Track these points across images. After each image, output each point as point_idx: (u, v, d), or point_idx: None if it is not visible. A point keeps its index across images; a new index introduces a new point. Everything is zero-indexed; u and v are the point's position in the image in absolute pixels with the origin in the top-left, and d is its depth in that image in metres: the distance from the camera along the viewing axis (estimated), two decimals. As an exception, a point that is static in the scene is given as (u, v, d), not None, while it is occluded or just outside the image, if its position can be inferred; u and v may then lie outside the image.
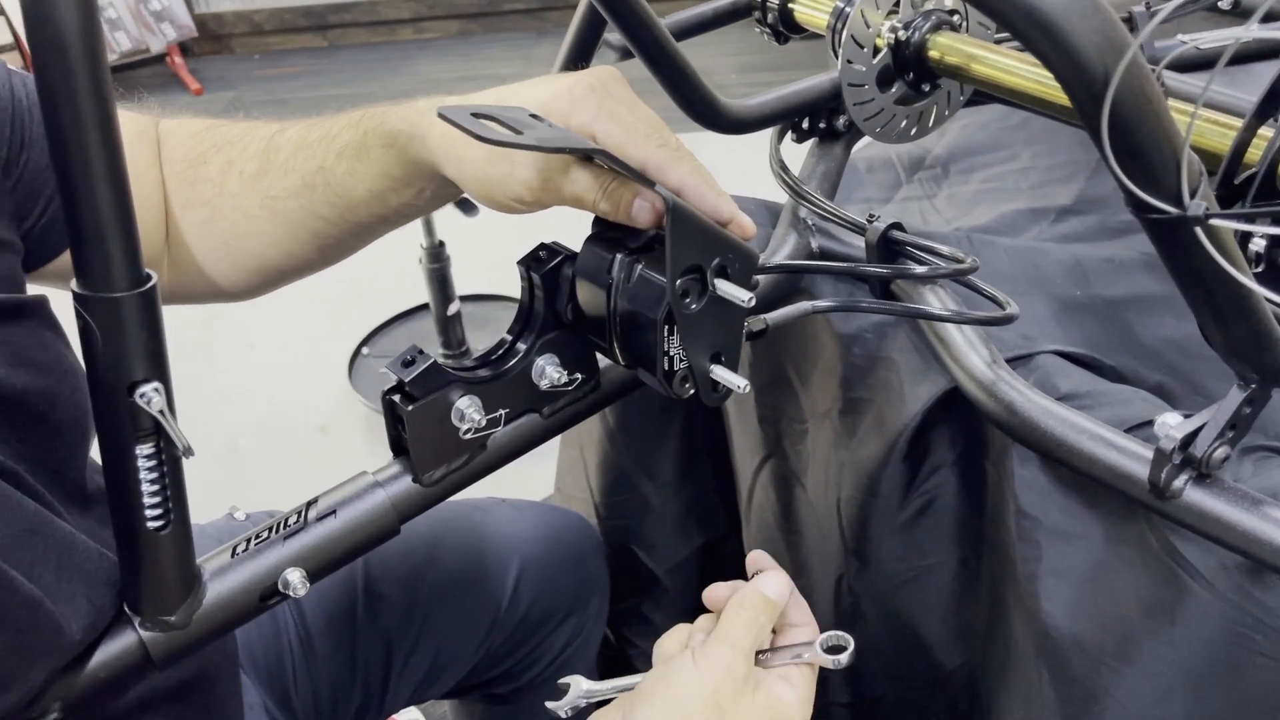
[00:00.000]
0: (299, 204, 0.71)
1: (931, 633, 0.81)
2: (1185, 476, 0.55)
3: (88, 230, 0.45)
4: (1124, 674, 0.60)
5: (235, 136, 0.74)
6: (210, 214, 0.74)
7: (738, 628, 0.59)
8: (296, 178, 0.70)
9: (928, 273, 0.67)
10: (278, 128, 0.73)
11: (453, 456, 0.61)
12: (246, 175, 0.73)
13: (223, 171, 0.73)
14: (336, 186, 0.69)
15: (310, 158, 0.70)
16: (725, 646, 0.58)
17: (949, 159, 1.08)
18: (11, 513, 0.51)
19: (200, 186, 0.74)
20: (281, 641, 0.84)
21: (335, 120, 0.70)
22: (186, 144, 0.75)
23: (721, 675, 0.57)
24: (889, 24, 0.75)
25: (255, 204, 0.72)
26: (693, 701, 0.56)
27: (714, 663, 0.57)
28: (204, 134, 0.75)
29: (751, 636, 0.59)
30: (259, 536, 0.58)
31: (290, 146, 0.71)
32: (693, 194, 0.57)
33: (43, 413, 0.57)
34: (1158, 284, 0.83)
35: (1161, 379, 0.75)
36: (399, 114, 0.66)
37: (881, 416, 0.74)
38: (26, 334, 0.57)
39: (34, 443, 0.57)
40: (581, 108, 0.58)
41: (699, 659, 0.58)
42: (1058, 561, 0.63)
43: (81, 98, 0.43)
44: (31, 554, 0.52)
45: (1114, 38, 0.40)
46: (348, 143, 0.68)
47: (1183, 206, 0.44)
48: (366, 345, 2.37)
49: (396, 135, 0.65)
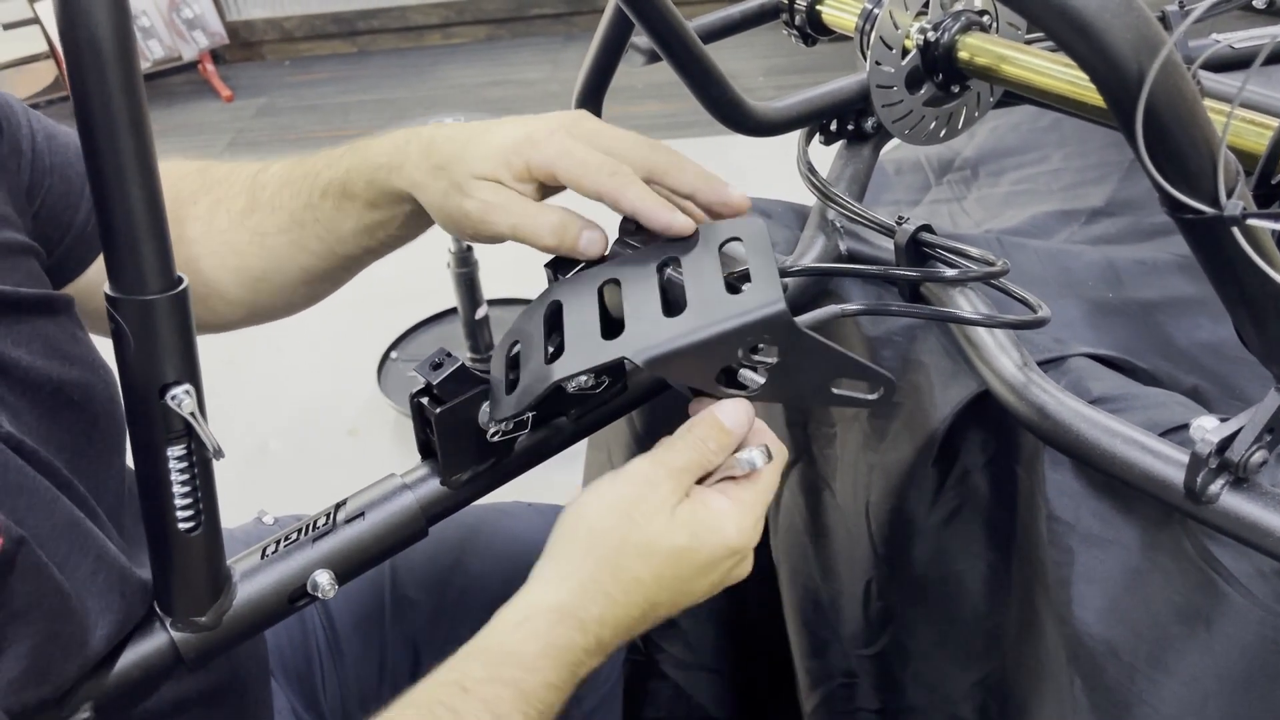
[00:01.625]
0: (288, 239, 0.72)
1: (961, 638, 0.80)
2: (1222, 481, 0.54)
3: (121, 233, 0.46)
4: (1159, 682, 0.60)
5: (221, 177, 0.76)
6: (199, 252, 0.75)
7: (674, 446, 0.56)
8: (284, 214, 0.72)
9: (958, 275, 0.67)
10: (261, 166, 0.75)
11: (480, 459, 0.61)
12: (234, 212, 0.74)
13: (211, 210, 0.75)
14: (325, 222, 0.71)
15: (296, 195, 0.71)
16: (648, 460, 0.55)
17: (978, 161, 1.07)
18: (51, 504, 0.52)
19: (188, 226, 0.75)
20: (310, 645, 0.85)
21: (316, 159, 0.72)
22: (176, 186, 0.76)
23: (638, 486, 0.54)
24: (918, 25, 0.74)
25: (244, 240, 0.74)
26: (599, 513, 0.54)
27: (632, 474, 0.55)
28: (193, 176, 0.77)
29: (686, 457, 0.55)
30: (288, 538, 0.59)
31: (275, 183, 0.73)
32: (647, 216, 0.59)
33: (80, 404, 0.58)
34: (1192, 286, 0.82)
35: (1196, 382, 0.74)
36: (379, 147, 0.68)
37: (911, 420, 0.74)
38: (58, 328, 0.58)
39: (75, 433, 0.57)
40: (543, 148, 0.60)
41: (620, 472, 0.56)
42: (1091, 567, 0.62)
43: (115, 101, 0.44)
44: (69, 546, 0.52)
45: (1149, 35, 0.40)
46: (330, 180, 0.70)
47: (1219, 206, 0.43)
48: (395, 349, 2.38)
49: (377, 169, 0.67)
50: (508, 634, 0.54)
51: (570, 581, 0.54)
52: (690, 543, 0.54)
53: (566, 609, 0.54)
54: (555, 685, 0.53)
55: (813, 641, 0.93)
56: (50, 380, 0.56)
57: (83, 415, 0.58)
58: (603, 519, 0.55)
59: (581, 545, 0.55)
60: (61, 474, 0.55)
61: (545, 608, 0.54)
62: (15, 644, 0.49)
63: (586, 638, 0.54)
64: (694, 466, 0.56)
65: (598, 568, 0.54)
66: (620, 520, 0.54)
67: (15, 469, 0.51)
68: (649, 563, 0.54)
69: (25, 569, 0.49)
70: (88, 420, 0.58)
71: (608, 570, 0.54)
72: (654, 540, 0.54)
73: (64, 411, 0.57)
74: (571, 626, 0.53)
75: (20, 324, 0.56)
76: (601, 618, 0.54)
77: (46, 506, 0.52)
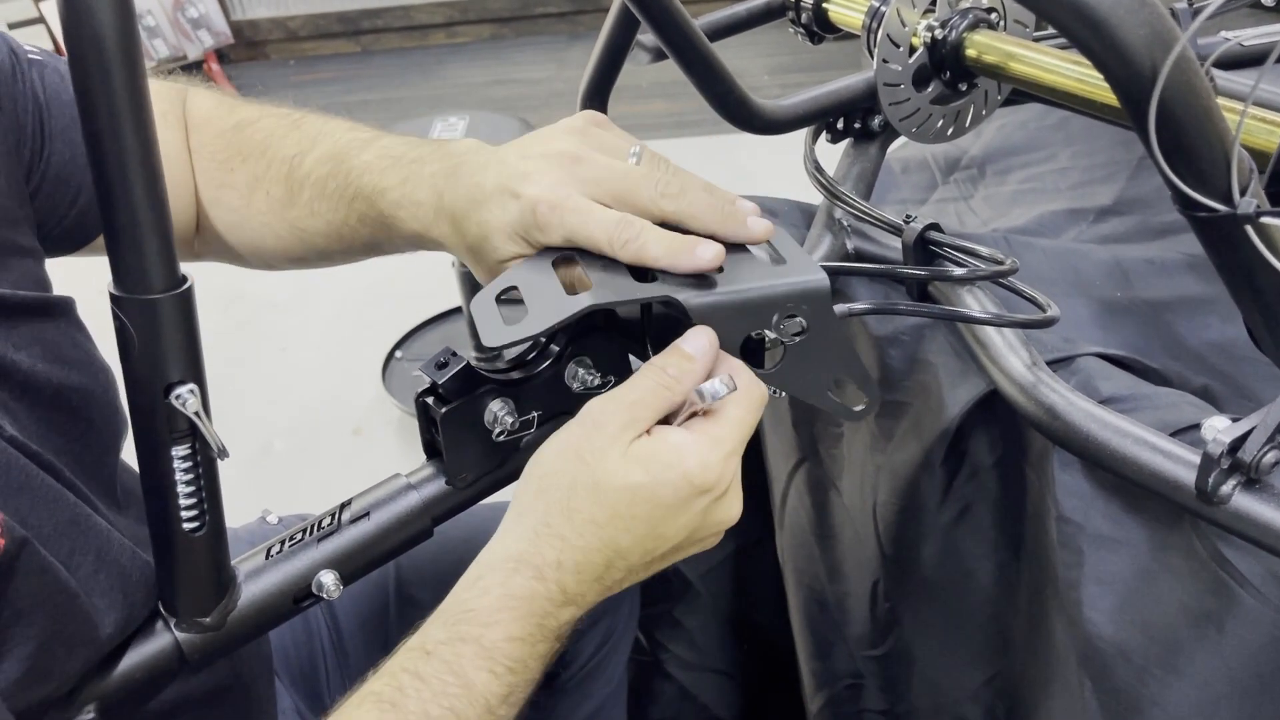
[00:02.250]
0: (328, 242, 0.72)
1: (969, 639, 0.80)
2: (1233, 482, 0.53)
3: (124, 233, 0.46)
4: (1170, 684, 0.59)
5: (257, 147, 0.74)
6: (240, 221, 0.74)
7: (632, 380, 0.53)
8: (322, 223, 0.71)
9: (966, 274, 0.66)
10: (295, 150, 0.72)
11: (486, 459, 0.61)
12: (274, 199, 0.73)
13: (250, 187, 0.73)
14: (366, 239, 0.70)
15: (334, 210, 0.70)
16: (602, 397, 0.53)
17: (986, 159, 1.07)
18: (54, 503, 0.52)
19: (227, 193, 0.74)
20: (314, 645, 0.84)
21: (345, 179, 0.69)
22: (214, 144, 0.75)
23: (586, 425, 0.52)
24: (925, 23, 0.74)
25: (284, 229, 0.73)
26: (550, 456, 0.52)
27: (584, 413, 0.53)
28: (229, 134, 0.75)
29: (640, 387, 0.52)
30: (293, 538, 0.58)
31: (311, 189, 0.71)
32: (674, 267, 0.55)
33: (78, 408, 0.58)
34: (1201, 285, 0.81)
35: (1206, 382, 0.73)
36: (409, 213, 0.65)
37: (919, 420, 0.74)
38: (58, 331, 0.58)
39: (71, 437, 0.57)
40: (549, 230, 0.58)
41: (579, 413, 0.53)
42: (1101, 568, 0.62)
43: (118, 101, 0.43)
44: (71, 544, 0.52)
45: (1162, 32, 0.39)
46: (365, 214, 0.68)
47: (1233, 204, 0.43)
48: (399, 348, 2.38)
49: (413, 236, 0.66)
50: (464, 591, 0.52)
51: (522, 528, 0.52)
52: (645, 479, 0.51)
53: (521, 557, 0.52)
54: (519, 638, 0.51)
55: (818, 642, 0.93)
56: (50, 384, 0.56)
57: (79, 419, 0.58)
58: (553, 461, 0.53)
59: (532, 491, 0.53)
60: (64, 474, 0.55)
61: (500, 559, 0.52)
62: (20, 644, 0.49)
63: (547, 585, 0.51)
64: (650, 399, 0.52)
65: (548, 511, 0.52)
66: (569, 461, 0.52)
67: (18, 469, 0.51)
68: (601, 502, 0.51)
69: (28, 569, 0.49)
70: (84, 423, 0.58)
71: (559, 512, 0.52)
72: (606, 478, 0.51)
73: (62, 415, 0.57)
74: (528, 575, 0.51)
75: (19, 327, 0.56)
76: (559, 562, 0.51)
77: (49, 505, 0.52)
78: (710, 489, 0.52)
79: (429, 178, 0.64)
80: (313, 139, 0.72)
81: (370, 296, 2.56)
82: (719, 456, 0.52)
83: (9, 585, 0.48)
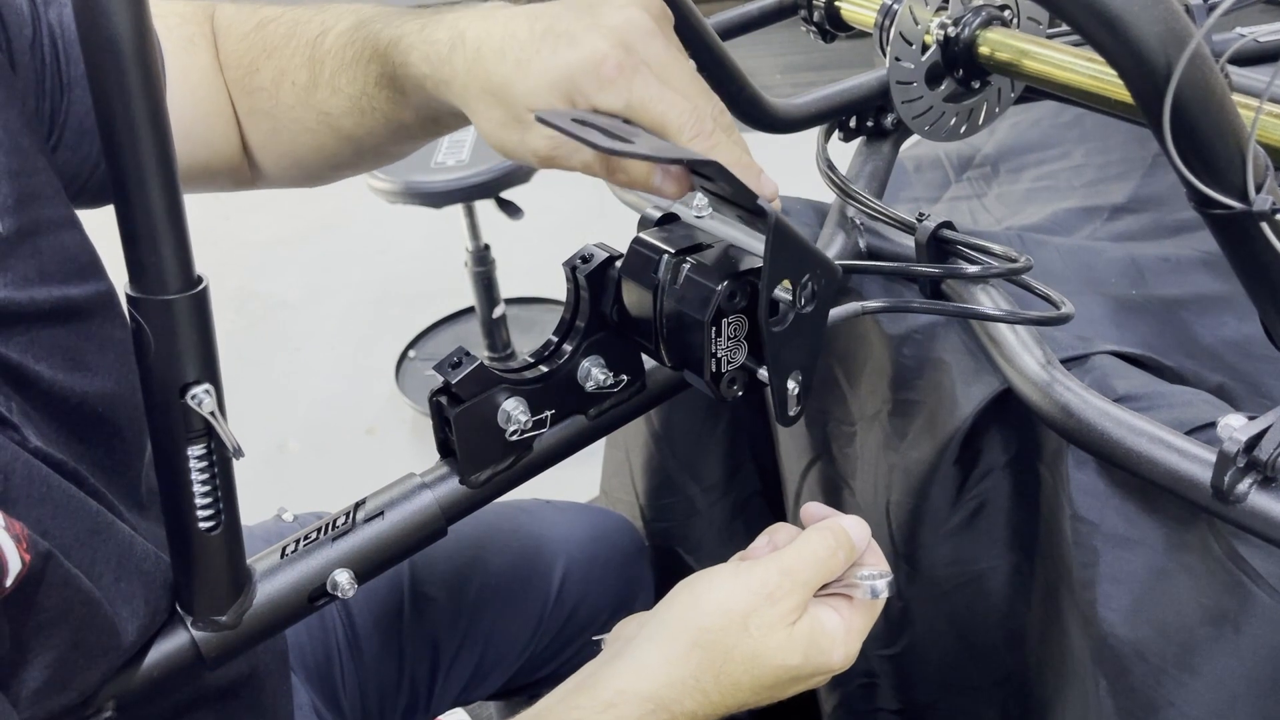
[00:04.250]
0: (354, 122, 0.68)
1: (983, 639, 0.80)
2: (1250, 480, 0.53)
3: (141, 233, 0.46)
4: (1186, 684, 0.59)
5: (281, 39, 0.71)
6: (273, 126, 0.72)
7: (803, 554, 0.54)
8: (345, 99, 0.68)
9: (980, 272, 0.66)
10: (319, 30, 0.69)
11: (499, 458, 0.61)
12: (299, 87, 0.69)
13: (276, 82, 0.70)
14: (385, 111, 0.67)
15: (353, 80, 0.67)
16: (776, 569, 0.53)
17: (999, 157, 1.07)
18: (75, 513, 0.52)
19: (258, 97, 0.71)
20: (330, 642, 0.85)
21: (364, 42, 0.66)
22: (238, 49, 0.72)
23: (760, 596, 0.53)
24: (938, 20, 0.73)
25: (313, 119, 0.70)
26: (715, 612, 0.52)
27: (757, 580, 0.53)
28: (252, 35, 0.72)
29: (814, 569, 0.54)
30: (308, 537, 0.59)
31: (333, 62, 0.68)
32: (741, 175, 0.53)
33: (102, 415, 0.57)
34: (1217, 283, 0.81)
35: (1222, 380, 0.73)
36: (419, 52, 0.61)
37: (932, 418, 0.73)
38: (83, 336, 0.57)
39: (94, 445, 0.57)
40: (611, 91, 0.54)
41: (741, 570, 0.54)
42: (1116, 568, 0.61)
43: (135, 102, 0.44)
44: (93, 553, 0.52)
45: (1177, 28, 0.39)
46: (381, 74, 0.65)
47: (1248, 201, 0.43)
48: (413, 348, 2.39)
49: (423, 80, 0.62)
50: (596, 715, 0.53)
51: (670, 675, 0.53)
52: (800, 662, 0.53)
53: (661, 701, 0.53)
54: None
55: (832, 641, 0.93)
56: (73, 394, 0.56)
57: (105, 425, 0.57)
58: (717, 619, 0.53)
59: (688, 640, 0.53)
60: (87, 482, 0.55)
61: (639, 696, 0.53)
62: (41, 655, 0.49)
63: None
64: (818, 581, 0.55)
65: (700, 668, 0.53)
66: (735, 626, 0.53)
67: (40, 479, 0.51)
68: (754, 673, 0.53)
69: (52, 583, 0.49)
70: (110, 429, 0.58)
71: (711, 673, 0.53)
72: (766, 654, 0.53)
73: (86, 423, 0.57)
74: (662, 717, 0.53)
75: (41, 336, 0.55)
76: (694, 713, 0.53)
77: (71, 515, 0.52)
78: (838, 673, 0.55)
79: (452, 20, 0.61)
80: (337, 16, 0.69)
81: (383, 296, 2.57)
82: (857, 648, 0.55)
83: (34, 600, 0.48)
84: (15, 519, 0.48)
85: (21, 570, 0.47)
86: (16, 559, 0.46)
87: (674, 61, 0.56)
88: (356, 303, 2.56)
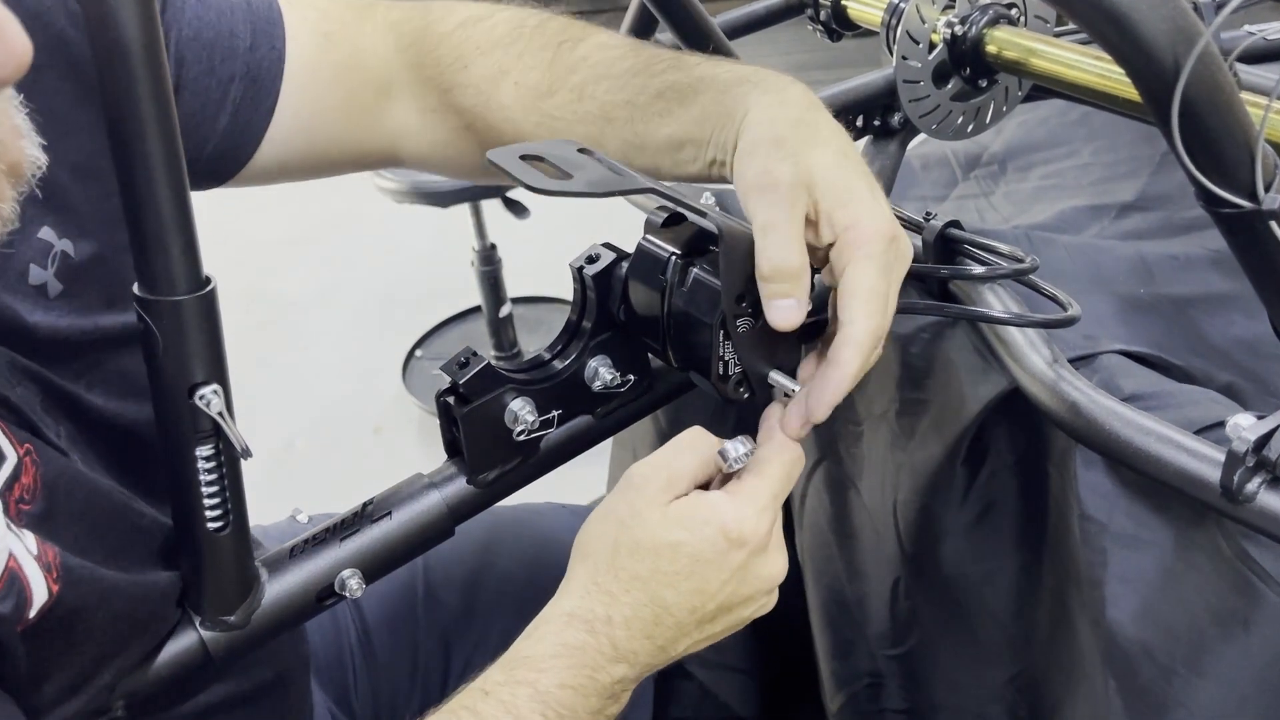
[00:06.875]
0: (585, 131, 0.66)
1: (991, 638, 0.80)
2: (1259, 479, 0.53)
3: (149, 235, 0.46)
4: (1195, 684, 0.59)
5: (500, 38, 0.69)
6: (470, 122, 0.70)
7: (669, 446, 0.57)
8: (594, 105, 0.66)
9: (987, 273, 0.66)
10: (560, 35, 0.68)
11: (506, 458, 0.61)
12: (524, 89, 0.68)
13: (492, 81, 0.68)
14: (638, 124, 0.64)
15: (619, 89, 0.65)
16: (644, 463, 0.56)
17: (1006, 156, 1.06)
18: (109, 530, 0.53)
19: (458, 93, 0.70)
20: (342, 643, 0.85)
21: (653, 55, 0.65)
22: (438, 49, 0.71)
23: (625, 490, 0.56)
24: (945, 19, 0.73)
25: (532, 121, 0.68)
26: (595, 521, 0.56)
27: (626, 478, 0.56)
28: (457, 33, 0.71)
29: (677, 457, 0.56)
30: (316, 537, 0.59)
31: (588, 70, 0.66)
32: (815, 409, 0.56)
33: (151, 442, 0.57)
34: (1226, 282, 0.80)
35: (1231, 379, 0.72)
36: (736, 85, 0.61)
37: (940, 418, 0.73)
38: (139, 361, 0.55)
39: (141, 472, 0.58)
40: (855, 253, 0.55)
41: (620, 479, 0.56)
42: (1125, 567, 0.61)
43: (143, 106, 0.44)
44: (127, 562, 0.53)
45: (1185, 27, 0.39)
46: (673, 83, 0.63)
47: (1257, 200, 0.43)
48: (419, 348, 2.39)
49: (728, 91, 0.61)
50: (523, 641, 0.56)
51: (574, 586, 0.56)
52: (683, 535, 0.54)
53: (573, 612, 0.55)
54: (571, 686, 0.53)
55: (838, 642, 0.93)
56: (123, 420, 0.57)
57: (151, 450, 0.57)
58: (596, 525, 0.57)
59: (579, 554, 0.57)
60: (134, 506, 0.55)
61: (555, 614, 0.56)
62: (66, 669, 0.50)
63: (598, 639, 0.54)
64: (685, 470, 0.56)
65: (595, 570, 0.55)
66: (610, 524, 0.56)
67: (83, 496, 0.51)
68: (643, 559, 0.54)
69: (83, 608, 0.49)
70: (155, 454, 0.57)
71: (605, 570, 0.55)
72: (645, 537, 0.55)
73: (135, 450, 0.57)
74: (580, 628, 0.54)
75: (100, 362, 0.55)
76: (609, 617, 0.54)
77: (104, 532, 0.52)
78: (746, 542, 0.55)
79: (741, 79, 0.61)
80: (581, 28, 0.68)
81: (390, 296, 2.57)
82: (753, 511, 0.55)
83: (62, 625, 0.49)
84: (52, 542, 0.48)
85: (48, 601, 0.47)
86: (44, 590, 0.47)
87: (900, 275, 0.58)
88: (364, 302, 2.56)
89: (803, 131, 0.57)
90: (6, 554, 0.46)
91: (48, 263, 0.53)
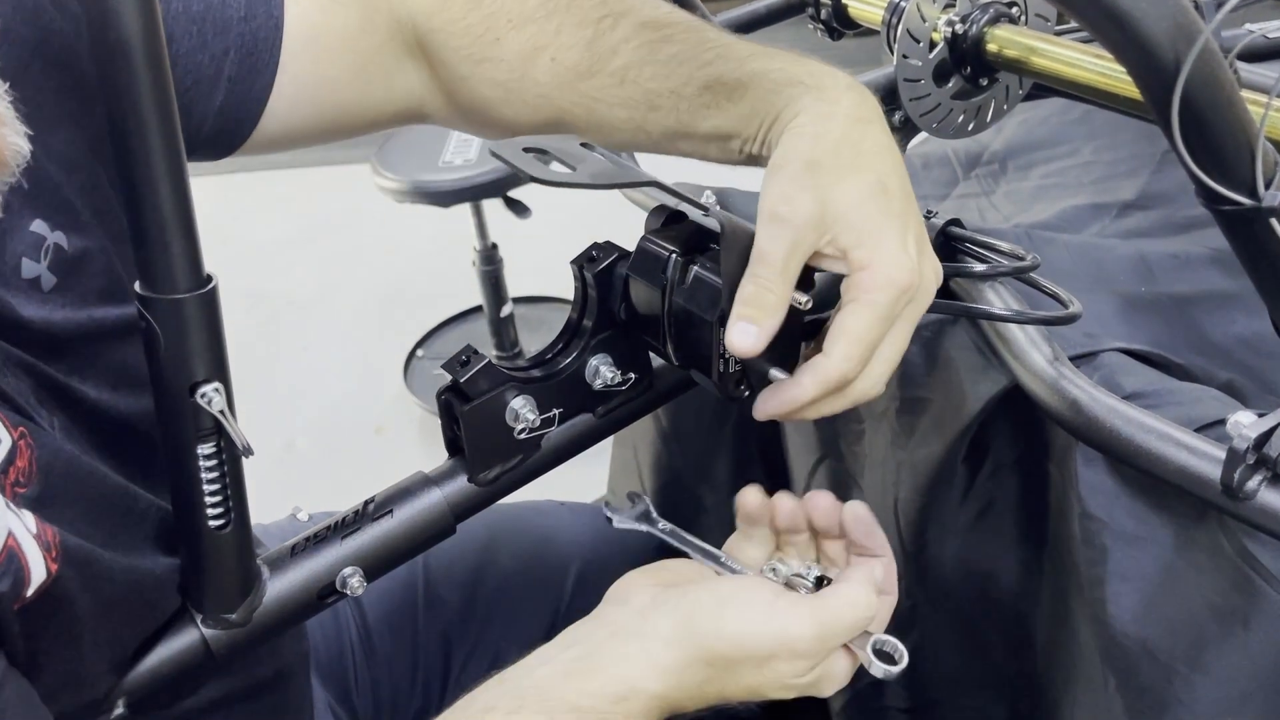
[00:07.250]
0: (627, 116, 0.64)
1: (992, 637, 0.80)
2: (1260, 477, 0.53)
3: (150, 233, 0.46)
4: (1196, 682, 0.59)
5: (532, 11, 0.66)
6: (504, 96, 0.68)
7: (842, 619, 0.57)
8: (637, 91, 0.63)
9: (988, 271, 0.66)
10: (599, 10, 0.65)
11: (507, 456, 0.61)
12: (562, 68, 0.65)
13: (527, 58, 0.66)
14: (684, 114, 0.62)
15: (665, 76, 0.62)
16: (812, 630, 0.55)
17: (1007, 154, 1.06)
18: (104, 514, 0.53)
19: (490, 67, 0.67)
20: (343, 641, 0.85)
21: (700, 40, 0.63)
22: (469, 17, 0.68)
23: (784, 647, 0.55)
24: (945, 18, 0.73)
25: (570, 101, 0.65)
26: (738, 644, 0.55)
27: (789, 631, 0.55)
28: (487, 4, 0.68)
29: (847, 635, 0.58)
30: (317, 535, 0.59)
31: (632, 53, 0.63)
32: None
33: (145, 433, 0.57)
34: (1226, 280, 0.80)
35: (1232, 377, 0.73)
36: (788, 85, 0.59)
37: (940, 416, 0.73)
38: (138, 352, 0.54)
39: (134, 462, 0.57)
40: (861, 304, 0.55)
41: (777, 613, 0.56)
42: (1125, 565, 0.61)
43: (144, 103, 0.44)
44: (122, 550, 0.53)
45: (1185, 24, 0.39)
46: (720, 76, 0.61)
47: (1258, 198, 0.43)
48: (421, 347, 2.39)
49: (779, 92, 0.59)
50: (609, 707, 0.54)
51: (682, 680, 0.56)
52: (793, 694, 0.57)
53: (668, 701, 0.55)
54: None
55: (841, 639, 0.93)
56: (118, 412, 0.56)
57: (148, 443, 0.57)
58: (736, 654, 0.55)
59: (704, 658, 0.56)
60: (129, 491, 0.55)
61: (649, 694, 0.55)
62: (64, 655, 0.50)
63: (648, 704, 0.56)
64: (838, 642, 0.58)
65: (708, 682, 0.56)
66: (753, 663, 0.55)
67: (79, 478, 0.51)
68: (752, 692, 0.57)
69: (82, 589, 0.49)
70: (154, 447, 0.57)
71: (715, 687, 0.56)
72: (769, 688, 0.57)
73: (129, 441, 0.57)
74: (662, 712, 0.56)
75: (95, 353, 0.55)
76: (684, 704, 0.56)
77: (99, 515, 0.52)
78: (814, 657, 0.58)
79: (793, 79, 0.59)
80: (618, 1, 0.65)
81: (391, 296, 2.57)
82: None
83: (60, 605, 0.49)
84: (50, 522, 0.48)
85: (46, 580, 0.47)
86: (42, 569, 0.47)
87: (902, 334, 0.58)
88: (365, 302, 2.56)
89: (843, 156, 0.55)
90: (6, 532, 0.45)
91: (40, 256, 0.53)
